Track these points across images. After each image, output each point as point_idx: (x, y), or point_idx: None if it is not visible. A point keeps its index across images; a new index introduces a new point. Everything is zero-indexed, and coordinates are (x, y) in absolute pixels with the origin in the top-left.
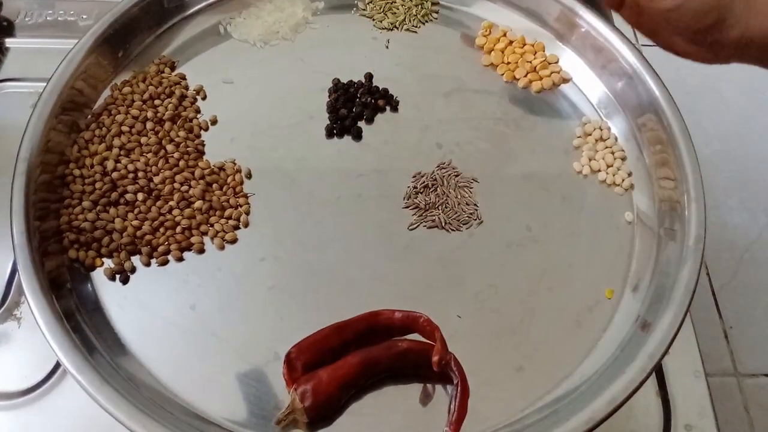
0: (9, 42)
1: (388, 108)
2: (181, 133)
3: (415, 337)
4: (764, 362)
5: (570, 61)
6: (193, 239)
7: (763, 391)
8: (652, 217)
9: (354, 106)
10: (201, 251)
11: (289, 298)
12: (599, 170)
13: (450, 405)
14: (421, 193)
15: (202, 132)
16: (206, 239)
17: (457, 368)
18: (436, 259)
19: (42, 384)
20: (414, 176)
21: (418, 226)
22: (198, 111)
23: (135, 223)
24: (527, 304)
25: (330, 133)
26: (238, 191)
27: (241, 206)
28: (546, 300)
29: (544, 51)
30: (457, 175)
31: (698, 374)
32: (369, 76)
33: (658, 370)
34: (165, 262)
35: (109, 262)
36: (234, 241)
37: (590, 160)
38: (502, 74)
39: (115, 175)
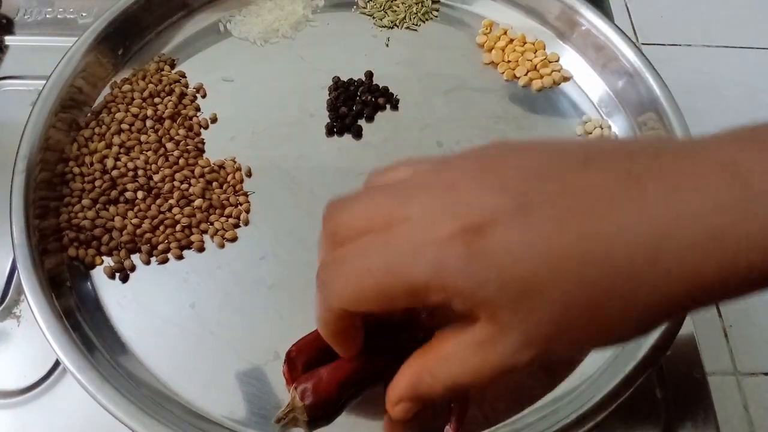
0: (8, 40)
1: (388, 106)
2: (181, 131)
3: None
4: (764, 361)
5: (571, 60)
6: (192, 237)
7: (762, 390)
8: None
9: (354, 105)
10: (201, 249)
11: (289, 296)
12: None
13: (451, 404)
14: None
15: (201, 130)
16: (206, 237)
17: None
18: None
19: (41, 382)
20: None
21: None
22: (198, 109)
23: (135, 221)
24: None
25: (330, 132)
26: (238, 189)
27: (241, 204)
28: None
29: (544, 49)
30: None
31: (698, 373)
32: (369, 75)
33: (658, 369)
34: (165, 261)
35: (108, 261)
36: (234, 239)
37: None
38: (503, 73)
39: (114, 173)
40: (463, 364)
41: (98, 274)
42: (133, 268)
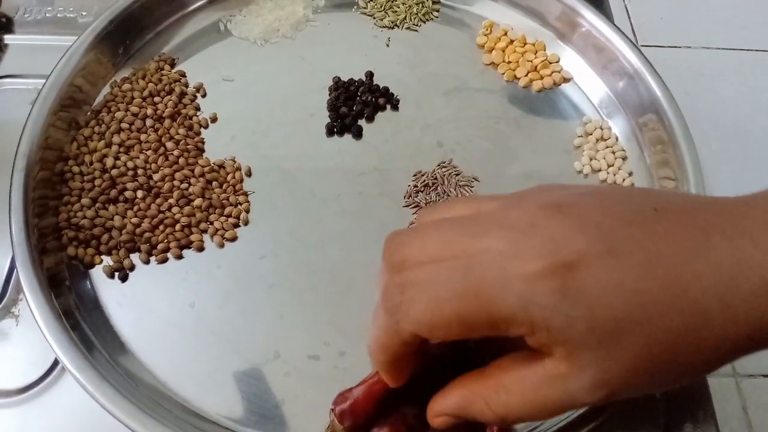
0: (8, 38)
1: (388, 106)
2: (181, 131)
3: None
4: (762, 363)
5: (571, 61)
6: (192, 237)
7: (761, 392)
8: None
9: (354, 105)
10: (200, 249)
11: (289, 296)
12: (600, 170)
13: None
14: (422, 191)
15: (201, 129)
16: (206, 237)
17: None
18: None
19: (40, 382)
20: (414, 175)
21: None
22: (198, 108)
23: (134, 220)
24: None
25: (330, 132)
26: (238, 189)
27: (241, 204)
28: None
29: (545, 50)
30: (457, 174)
31: None
32: (370, 75)
33: None
34: (164, 260)
35: (108, 260)
36: (234, 239)
37: (591, 159)
38: (503, 73)
39: (114, 172)
40: (524, 397)
41: (97, 274)
42: (132, 268)
